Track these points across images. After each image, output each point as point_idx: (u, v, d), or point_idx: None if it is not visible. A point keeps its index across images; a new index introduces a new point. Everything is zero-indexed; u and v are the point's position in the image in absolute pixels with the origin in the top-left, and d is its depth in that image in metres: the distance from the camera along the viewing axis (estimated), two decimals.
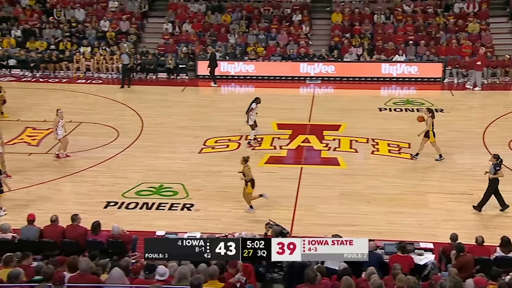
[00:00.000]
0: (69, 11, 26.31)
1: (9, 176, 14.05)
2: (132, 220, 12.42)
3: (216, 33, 25.37)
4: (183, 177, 14.63)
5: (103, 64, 23.76)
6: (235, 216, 12.77)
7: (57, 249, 10.02)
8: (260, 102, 16.70)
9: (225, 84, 23.45)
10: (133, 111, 19.54)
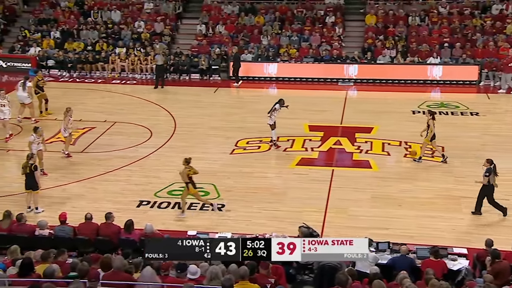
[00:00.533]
0: (106, 13, 26.75)
1: (46, 174, 14.39)
2: (164, 219, 12.53)
3: (249, 34, 25.45)
4: (214, 177, 14.68)
5: (138, 64, 24.07)
6: (266, 217, 12.76)
7: (91, 247, 10.19)
8: (284, 103, 16.64)
9: (258, 85, 23.47)
10: (166, 112, 19.73)
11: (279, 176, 14.94)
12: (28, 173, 12.69)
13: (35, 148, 14.17)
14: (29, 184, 12.77)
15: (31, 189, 12.80)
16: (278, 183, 14.57)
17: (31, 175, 12.68)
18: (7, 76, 23.85)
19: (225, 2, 27.11)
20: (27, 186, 12.79)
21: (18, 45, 25.03)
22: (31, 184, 12.76)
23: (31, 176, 12.71)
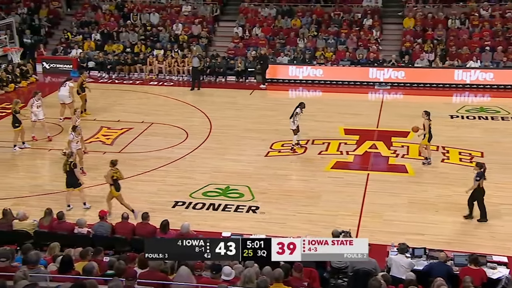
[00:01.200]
0: (145, 15, 27.16)
1: (84, 173, 14.68)
2: (198, 220, 12.60)
3: (285, 37, 25.45)
4: (249, 179, 14.73)
5: (175, 66, 24.35)
6: (300, 220, 12.72)
7: (128, 246, 10.33)
8: (304, 107, 16.57)
9: (293, 88, 23.46)
10: (202, 113, 19.89)
11: (314, 179, 14.87)
12: (68, 171, 12.98)
13: (75, 147, 14.48)
14: (69, 183, 13.06)
15: (72, 187, 13.08)
16: (312, 186, 14.51)
17: (71, 173, 12.97)
18: (50, 77, 24.44)
19: (262, 5, 27.18)
20: (67, 184, 13.08)
21: (61, 47, 25.62)
22: (72, 182, 13.05)
23: (71, 174, 12.99)
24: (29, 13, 27.43)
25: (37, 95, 17.25)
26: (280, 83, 23.71)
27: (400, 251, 9.72)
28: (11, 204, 11.99)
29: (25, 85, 23.01)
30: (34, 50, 25.20)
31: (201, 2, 27.84)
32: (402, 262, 9.48)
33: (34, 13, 27.37)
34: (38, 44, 25.44)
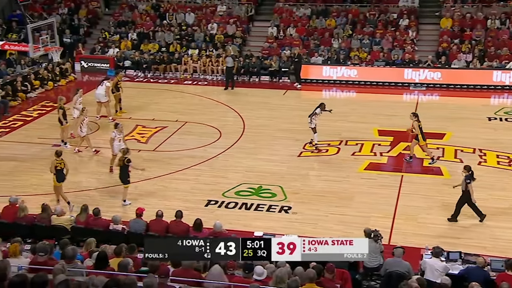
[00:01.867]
0: (180, 15, 27.39)
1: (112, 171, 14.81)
2: (231, 219, 12.65)
3: (320, 37, 25.33)
4: (281, 179, 14.73)
5: (209, 66, 24.49)
6: (333, 221, 12.65)
7: None
8: (325, 108, 16.50)
9: (327, 88, 23.33)
10: (236, 113, 19.96)
11: (347, 180, 14.76)
12: (122, 166, 13.22)
13: (117, 146, 14.62)
14: (120, 178, 13.32)
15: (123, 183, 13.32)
16: (345, 187, 14.41)
17: (124, 169, 13.19)
18: (87, 76, 24.90)
19: (297, 5, 27.10)
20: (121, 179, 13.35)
21: (99, 46, 26.07)
22: (122, 178, 13.31)
23: (123, 170, 13.23)
24: (69, 13, 27.98)
25: (80, 92, 17.60)
26: (314, 83, 23.60)
27: (434, 254, 9.56)
28: (49, 200, 12.26)
29: (64, 83, 23.50)
30: (73, 49, 25.71)
31: (236, 2, 27.93)
32: (436, 266, 9.33)
33: (74, 13, 27.91)
34: (77, 44, 25.95)
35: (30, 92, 21.67)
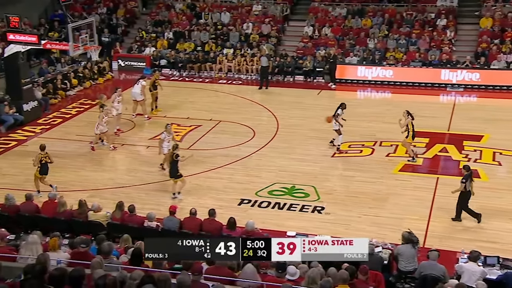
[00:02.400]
0: (216, 15, 27.54)
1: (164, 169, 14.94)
2: (264, 218, 12.66)
3: (355, 37, 25.12)
4: (315, 179, 14.68)
5: (244, 65, 24.56)
6: (366, 223, 12.54)
7: None
8: (345, 107, 16.40)
9: (362, 88, 23.13)
10: (270, 112, 19.97)
11: (381, 182, 14.60)
12: (171, 162, 13.52)
13: (166, 146, 14.74)
14: (171, 173, 13.62)
15: (173, 177, 13.60)
16: (379, 188, 14.26)
17: (174, 164, 13.46)
18: (124, 74, 25.27)
19: (333, 5, 26.93)
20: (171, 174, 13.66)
21: (136, 45, 26.40)
22: (172, 172, 13.60)
23: (174, 165, 13.50)
24: (108, 12, 28.44)
25: (118, 90, 17.88)
26: (349, 84, 23.42)
27: (471, 258, 9.35)
28: (87, 196, 12.51)
29: (102, 81, 23.89)
30: (111, 48, 26.11)
31: (271, 1, 27.93)
32: (474, 271, 9.12)
33: (112, 13, 28.35)
34: (114, 43, 26.36)
35: (69, 90, 22.14)
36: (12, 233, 10.07)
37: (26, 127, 18.42)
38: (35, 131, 18.26)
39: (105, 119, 16.25)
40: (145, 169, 15.35)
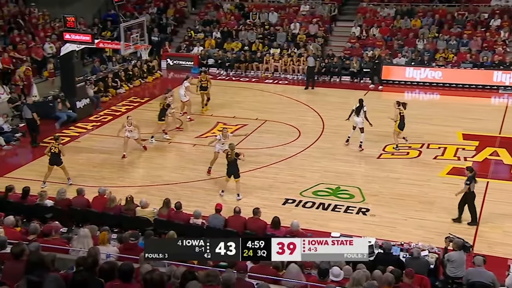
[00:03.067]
0: (263, 15, 27.61)
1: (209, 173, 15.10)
2: (308, 218, 12.62)
3: (404, 37, 24.70)
4: (360, 181, 14.54)
5: (290, 65, 24.52)
6: (412, 226, 12.32)
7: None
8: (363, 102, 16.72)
9: (409, 90, 22.72)
10: (315, 112, 19.87)
11: (428, 184, 14.33)
12: (230, 161, 13.56)
13: (219, 147, 14.80)
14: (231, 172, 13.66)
15: (233, 176, 13.67)
16: (426, 191, 13.99)
17: (234, 162, 13.53)
18: (172, 73, 25.65)
19: (382, 5, 26.57)
20: (228, 173, 13.70)
21: (184, 44, 26.78)
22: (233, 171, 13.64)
23: (234, 164, 13.56)
24: (158, 12, 28.94)
25: (170, 91, 18.09)
26: (396, 85, 23.06)
27: None
28: (134, 192, 12.77)
29: (151, 80, 24.32)
30: (160, 47, 26.55)
31: (319, 1, 27.79)
32: None
33: (162, 13, 28.85)
34: (164, 42, 26.79)
35: (119, 88, 22.63)
36: (65, 226, 10.40)
37: (78, 123, 18.94)
38: (87, 127, 18.76)
39: (127, 128, 16.07)
40: (191, 166, 15.53)
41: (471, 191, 12.11)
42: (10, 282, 6.36)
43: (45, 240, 8.42)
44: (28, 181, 13.65)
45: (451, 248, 9.69)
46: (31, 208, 11.65)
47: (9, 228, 9.45)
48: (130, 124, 15.82)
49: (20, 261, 6.91)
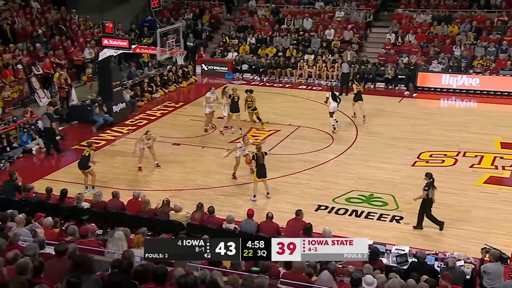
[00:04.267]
0: (298, 21, 27.58)
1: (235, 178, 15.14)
2: (341, 226, 12.54)
3: (440, 44, 24.33)
4: (393, 188, 14.36)
5: (324, 71, 24.43)
6: (447, 235, 12.11)
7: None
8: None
9: (445, 97, 22.37)
10: (349, 119, 19.73)
11: (464, 193, 14.07)
12: (259, 164, 13.69)
13: (239, 153, 14.91)
14: (260, 173, 13.79)
15: (262, 177, 13.80)
16: (462, 200, 13.73)
17: (263, 164, 13.65)
18: (207, 78, 25.85)
19: (418, 11, 26.24)
20: (258, 175, 13.81)
21: (219, 50, 26.99)
22: (263, 173, 13.79)
23: (263, 166, 13.66)
24: (194, 18, 29.25)
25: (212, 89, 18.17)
26: (432, 92, 22.73)
27: None
28: (168, 196, 12.88)
29: (185, 85, 24.52)
30: (195, 52, 26.84)
31: (354, 8, 27.64)
32: None
33: (198, 18, 29.15)
34: (199, 47, 27.07)
35: (155, 93, 22.92)
36: (100, 228, 10.59)
37: (114, 127, 19.25)
38: (123, 131, 19.05)
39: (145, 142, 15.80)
40: (224, 171, 15.58)
41: (429, 198, 12.07)
42: (51, 282, 6.51)
43: (81, 241, 8.58)
44: (65, 183, 13.95)
45: (488, 259, 9.49)
46: (68, 209, 11.90)
47: (48, 229, 9.69)
48: (149, 138, 15.70)
49: (62, 260, 7.09)
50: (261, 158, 13.74)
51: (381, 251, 10.04)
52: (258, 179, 13.82)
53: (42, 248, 7.86)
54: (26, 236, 8.91)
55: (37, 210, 11.10)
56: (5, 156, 16.36)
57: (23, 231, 9.15)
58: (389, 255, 10.29)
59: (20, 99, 20.46)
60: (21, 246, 7.93)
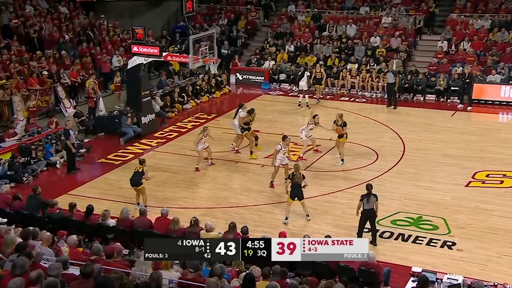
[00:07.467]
0: (341, 27, 27.53)
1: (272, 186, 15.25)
2: (385, 250, 12.40)
3: (500, 52, 23.89)
4: (445, 211, 14.12)
5: (369, 82, 24.26)
6: (508, 265, 11.80)
7: (310, 269, 10.51)
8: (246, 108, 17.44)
9: (505, 111, 21.98)
10: (395, 134, 19.54)
11: None
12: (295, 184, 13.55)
13: (280, 159, 15.04)
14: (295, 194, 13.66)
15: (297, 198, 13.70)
16: None
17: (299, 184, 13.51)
18: (241, 89, 25.99)
19: (475, 16, 25.84)
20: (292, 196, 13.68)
21: (255, 58, 27.06)
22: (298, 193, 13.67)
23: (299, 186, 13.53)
24: (229, 24, 29.48)
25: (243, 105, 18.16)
26: (489, 105, 22.33)
27: None
28: (198, 214, 12.97)
29: (219, 95, 24.65)
30: (230, 61, 27.02)
31: (403, 13, 27.42)
32: None
33: (233, 25, 29.36)
34: (234, 55, 27.25)
35: (186, 103, 23.12)
36: (126, 248, 10.70)
37: (143, 139, 19.48)
38: (151, 144, 19.28)
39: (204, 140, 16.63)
40: (259, 188, 15.64)
41: (364, 209, 12.49)
42: None
43: (107, 262, 8.69)
44: (90, 199, 14.19)
45: None
46: (93, 227, 12.08)
47: (72, 248, 9.86)
48: (206, 135, 16.59)
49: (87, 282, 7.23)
50: (299, 178, 13.59)
51: (431, 280, 9.82)
52: (292, 201, 13.75)
53: (65, 268, 7.99)
54: (48, 255, 9.08)
55: (61, 227, 11.31)
56: (29, 169, 16.73)
57: (46, 249, 9.33)
58: (440, 285, 10.08)
59: (46, 109, 20.98)
60: (43, 265, 8.07)
